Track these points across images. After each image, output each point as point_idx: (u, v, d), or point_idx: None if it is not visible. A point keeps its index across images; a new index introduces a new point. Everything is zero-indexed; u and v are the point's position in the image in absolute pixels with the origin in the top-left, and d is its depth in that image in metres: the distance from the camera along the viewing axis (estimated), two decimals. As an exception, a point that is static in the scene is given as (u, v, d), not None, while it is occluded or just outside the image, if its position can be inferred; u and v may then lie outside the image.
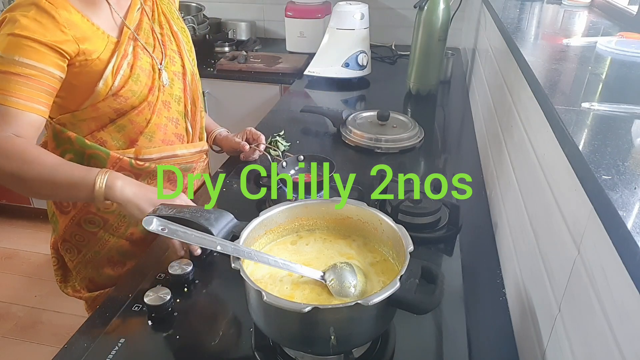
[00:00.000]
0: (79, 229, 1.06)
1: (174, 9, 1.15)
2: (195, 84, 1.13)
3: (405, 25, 2.40)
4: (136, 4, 1.03)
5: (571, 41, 1.06)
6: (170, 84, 1.06)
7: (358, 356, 0.70)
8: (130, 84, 0.96)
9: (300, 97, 1.88)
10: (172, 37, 1.09)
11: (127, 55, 0.96)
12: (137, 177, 1.03)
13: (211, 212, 0.72)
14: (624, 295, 0.44)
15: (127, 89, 0.96)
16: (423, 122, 1.47)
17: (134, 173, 1.03)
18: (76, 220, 1.05)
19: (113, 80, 0.94)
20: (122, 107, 0.97)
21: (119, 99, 0.96)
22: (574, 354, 0.55)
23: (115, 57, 0.94)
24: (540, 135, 0.80)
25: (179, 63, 1.09)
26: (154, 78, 1.01)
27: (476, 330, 0.77)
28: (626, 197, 0.46)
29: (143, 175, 1.05)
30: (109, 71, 0.93)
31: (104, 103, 0.95)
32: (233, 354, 0.73)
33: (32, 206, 2.71)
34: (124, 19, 0.99)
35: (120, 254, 1.09)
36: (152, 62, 1.02)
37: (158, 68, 1.03)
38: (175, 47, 1.09)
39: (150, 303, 0.75)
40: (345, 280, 0.66)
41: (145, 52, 1.01)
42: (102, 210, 1.03)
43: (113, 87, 0.94)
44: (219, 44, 2.48)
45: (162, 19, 1.08)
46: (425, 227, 0.98)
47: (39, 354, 1.97)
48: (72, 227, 1.06)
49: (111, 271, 1.09)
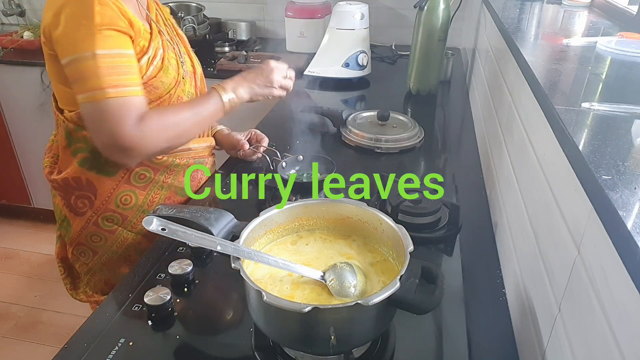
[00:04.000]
0: (97, 228, 1.07)
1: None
2: (203, 83, 1.18)
3: (405, 25, 2.40)
4: (152, 6, 1.07)
5: (571, 41, 1.05)
6: (185, 79, 1.09)
7: (358, 356, 0.70)
8: (161, 75, 0.99)
9: (300, 97, 1.88)
10: (178, 39, 1.12)
11: (160, 48, 1.00)
12: (155, 171, 1.07)
13: (211, 212, 0.72)
14: (624, 295, 0.44)
15: (158, 79, 0.99)
16: (423, 122, 1.47)
17: (152, 167, 1.06)
18: (93, 220, 1.06)
19: (147, 69, 0.96)
20: (151, 97, 0.99)
21: (148, 88, 0.97)
22: (574, 354, 0.55)
23: (152, 47, 0.97)
24: (540, 135, 0.80)
25: (189, 63, 1.12)
26: (179, 72, 1.05)
27: (476, 330, 0.77)
28: (626, 197, 0.46)
29: (161, 170, 1.08)
30: (145, 59, 0.96)
31: None
32: (233, 354, 0.73)
33: (32, 206, 2.71)
34: (149, 13, 1.03)
35: (137, 252, 1.09)
36: (176, 57, 1.06)
37: (180, 62, 1.07)
38: (184, 49, 1.13)
39: (150, 303, 0.75)
40: (345, 280, 0.66)
41: (169, 46, 1.05)
42: (120, 207, 1.06)
43: (145, 75, 0.96)
44: (219, 44, 2.48)
45: (169, 22, 1.12)
46: (425, 227, 0.98)
47: (39, 354, 1.97)
48: (89, 227, 1.07)
49: (127, 270, 1.09)
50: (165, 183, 1.10)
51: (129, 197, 1.06)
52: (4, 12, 2.72)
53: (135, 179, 1.06)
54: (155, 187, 1.09)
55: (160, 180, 1.09)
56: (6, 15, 2.73)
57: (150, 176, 1.07)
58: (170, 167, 1.09)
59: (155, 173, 1.07)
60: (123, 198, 1.05)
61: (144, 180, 1.07)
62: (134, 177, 1.05)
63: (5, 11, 2.71)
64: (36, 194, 2.68)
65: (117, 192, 1.04)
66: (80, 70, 0.84)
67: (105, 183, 1.03)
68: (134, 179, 1.06)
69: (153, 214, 0.71)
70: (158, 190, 1.09)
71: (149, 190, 1.08)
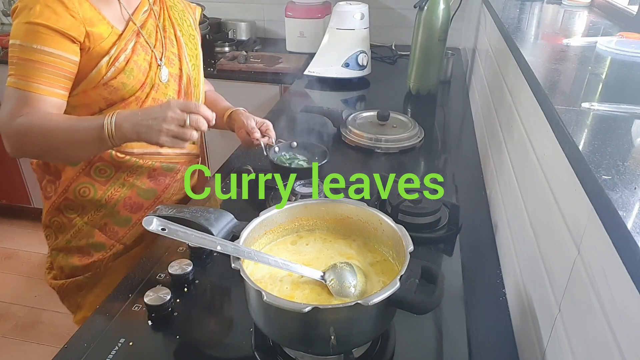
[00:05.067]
0: (59, 213, 1.09)
1: (191, 18, 1.18)
2: (190, 89, 1.13)
3: (405, 25, 2.40)
4: (144, 5, 1.06)
5: (571, 41, 1.05)
6: (166, 83, 1.07)
7: (358, 356, 0.70)
8: (122, 77, 0.98)
9: (300, 97, 1.88)
10: (174, 41, 1.11)
11: (126, 50, 0.99)
12: (117, 168, 1.06)
13: (211, 212, 0.72)
14: (624, 295, 0.44)
15: (119, 80, 0.98)
16: (423, 122, 1.47)
17: (113, 164, 1.06)
18: (56, 205, 1.08)
19: (107, 69, 0.96)
20: (112, 97, 0.99)
21: (109, 89, 0.98)
22: (574, 354, 0.55)
23: (115, 49, 0.97)
24: (540, 135, 0.80)
25: (177, 65, 1.10)
26: (148, 75, 1.03)
27: (476, 330, 0.77)
28: (626, 197, 0.46)
29: (123, 168, 1.07)
30: (105, 60, 0.96)
31: (94, 91, 0.97)
32: (233, 353, 0.73)
33: (32, 206, 2.70)
34: (131, 15, 1.02)
35: (90, 245, 1.10)
36: (150, 60, 1.04)
37: (158, 64, 1.05)
38: (176, 51, 1.10)
39: (150, 303, 0.75)
40: (345, 280, 0.66)
41: (145, 49, 1.03)
42: (79, 198, 1.06)
43: (105, 76, 0.96)
44: (219, 44, 2.48)
45: (167, 23, 1.10)
46: (425, 227, 0.98)
47: (39, 354, 1.97)
48: (52, 211, 1.10)
49: (78, 261, 1.10)
50: (127, 182, 1.08)
51: (87, 189, 1.06)
52: (4, 12, 2.72)
53: (95, 173, 1.06)
54: (117, 184, 1.07)
55: (122, 177, 1.07)
56: (6, 15, 2.73)
57: (111, 172, 1.06)
58: (133, 167, 1.07)
59: (116, 170, 1.06)
60: (81, 190, 1.06)
61: (105, 176, 1.06)
62: (95, 171, 1.05)
63: (5, 11, 2.71)
64: (36, 194, 2.68)
65: (77, 182, 1.05)
66: (9, 55, 0.91)
67: (68, 171, 1.06)
68: (94, 172, 1.06)
69: (153, 214, 0.71)
70: (119, 187, 1.08)
71: (109, 186, 1.07)
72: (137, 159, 1.07)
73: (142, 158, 1.08)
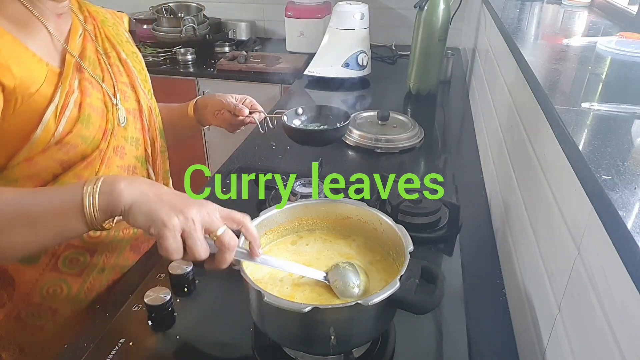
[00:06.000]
0: (20, 324, 0.84)
1: (122, 30, 0.95)
2: (154, 121, 0.94)
3: (405, 25, 2.40)
4: (77, 29, 0.82)
5: (571, 41, 1.05)
6: (125, 126, 0.86)
7: (358, 356, 0.70)
8: (79, 128, 0.76)
9: (300, 97, 1.88)
10: (121, 68, 0.89)
11: (74, 91, 0.76)
12: (92, 253, 0.84)
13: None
14: (624, 295, 0.44)
15: (76, 134, 0.75)
16: (423, 122, 1.48)
17: (86, 249, 0.83)
18: (14, 314, 0.83)
19: (57, 123, 0.73)
20: (70, 157, 0.76)
21: (64, 148, 0.75)
22: (574, 354, 0.55)
23: (59, 93, 0.73)
24: (540, 135, 0.80)
25: (133, 98, 0.89)
26: (107, 118, 0.81)
27: (476, 330, 0.77)
28: (626, 197, 0.46)
29: (99, 250, 0.85)
30: (50, 112, 0.72)
31: (44, 155, 0.73)
32: (233, 354, 0.73)
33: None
34: (65, 45, 0.78)
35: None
36: (104, 98, 0.82)
37: (112, 103, 0.83)
38: (127, 79, 0.89)
39: (150, 303, 0.75)
40: (349, 281, 0.66)
41: (94, 85, 0.81)
42: (48, 300, 0.83)
43: (57, 133, 0.73)
44: (219, 44, 2.49)
45: (107, 45, 0.88)
46: (425, 227, 0.98)
47: (39, 354, 1.97)
48: (10, 322, 0.84)
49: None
50: (107, 264, 0.87)
51: (58, 287, 0.83)
52: None
53: (64, 265, 0.82)
54: (94, 271, 0.86)
55: (100, 262, 0.86)
56: None
57: (85, 260, 0.84)
58: (112, 245, 0.86)
59: (91, 255, 0.84)
60: (50, 289, 0.83)
61: (78, 266, 0.84)
62: (63, 263, 0.82)
63: None
64: None
65: (42, 282, 0.82)
66: None
67: (24, 272, 0.81)
68: (63, 265, 0.82)
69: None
70: (98, 274, 0.86)
71: (85, 277, 0.85)
72: (115, 232, 0.85)
73: (118, 229, 0.85)
